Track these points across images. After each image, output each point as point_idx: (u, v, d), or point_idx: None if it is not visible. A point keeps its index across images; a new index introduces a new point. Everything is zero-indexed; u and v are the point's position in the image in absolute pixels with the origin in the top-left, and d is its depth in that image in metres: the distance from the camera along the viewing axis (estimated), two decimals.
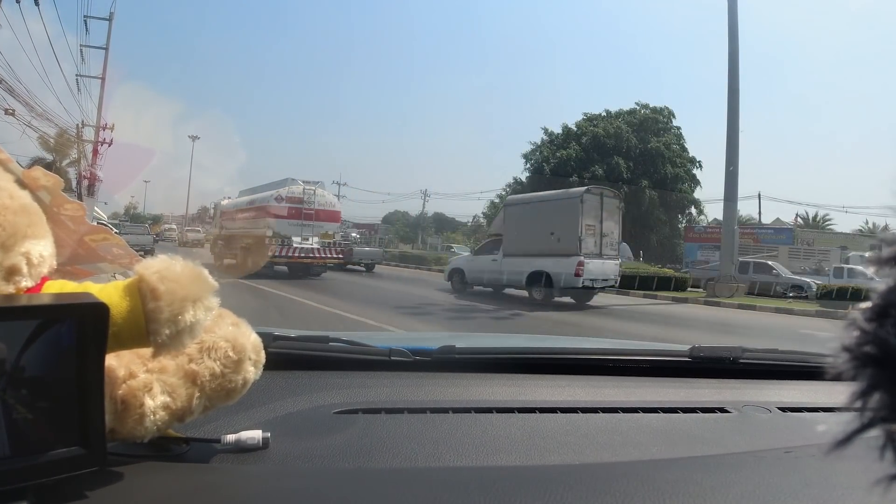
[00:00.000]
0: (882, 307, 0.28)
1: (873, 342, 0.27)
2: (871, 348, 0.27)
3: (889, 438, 0.28)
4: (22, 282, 0.63)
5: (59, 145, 26.36)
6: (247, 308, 5.24)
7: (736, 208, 18.35)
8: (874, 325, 0.28)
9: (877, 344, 0.27)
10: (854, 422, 0.28)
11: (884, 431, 0.28)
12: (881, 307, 0.28)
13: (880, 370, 0.27)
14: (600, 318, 11.08)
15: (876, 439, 0.28)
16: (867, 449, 0.28)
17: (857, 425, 0.28)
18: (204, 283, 0.67)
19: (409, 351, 1.22)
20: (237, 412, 0.88)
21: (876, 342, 0.27)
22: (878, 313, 0.28)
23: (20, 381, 0.54)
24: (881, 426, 0.27)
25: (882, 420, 0.27)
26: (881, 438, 0.28)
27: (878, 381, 0.27)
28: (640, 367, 1.40)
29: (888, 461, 0.28)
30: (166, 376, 0.71)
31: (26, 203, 0.66)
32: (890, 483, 0.28)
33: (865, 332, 0.28)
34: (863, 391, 0.28)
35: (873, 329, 0.27)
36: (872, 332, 0.27)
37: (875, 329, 0.27)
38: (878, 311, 0.28)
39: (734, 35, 17.39)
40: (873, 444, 0.28)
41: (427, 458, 0.85)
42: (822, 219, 41.75)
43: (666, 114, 35.63)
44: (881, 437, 0.28)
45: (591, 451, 0.92)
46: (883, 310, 0.28)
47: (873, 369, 0.27)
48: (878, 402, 0.27)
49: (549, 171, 33.41)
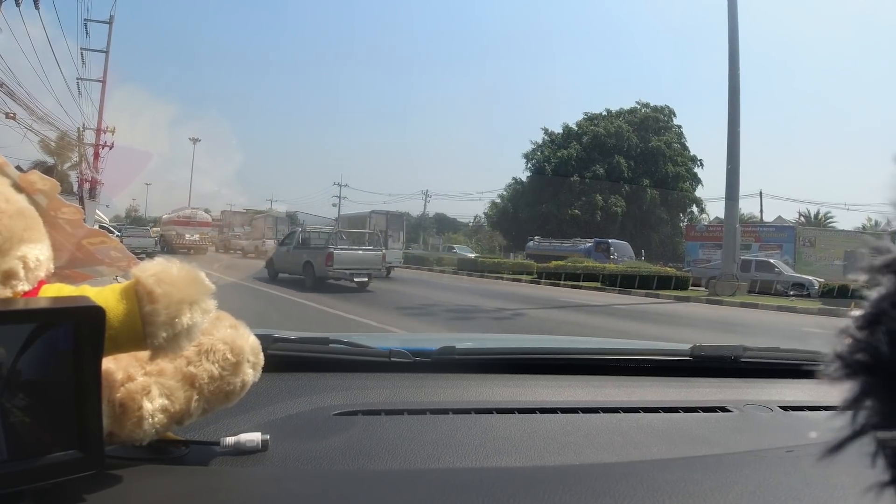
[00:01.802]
0: (874, 315, 0.28)
1: (865, 350, 0.28)
2: (862, 356, 0.28)
3: (880, 445, 0.28)
4: (19, 286, 0.63)
5: (60, 149, 26.39)
6: (247, 310, 5.21)
7: (737, 207, 18.34)
8: (866, 333, 0.28)
9: (868, 352, 0.27)
10: (846, 429, 0.28)
11: (875, 438, 0.28)
12: (873, 315, 0.28)
13: (872, 378, 0.27)
14: (601, 318, 11.07)
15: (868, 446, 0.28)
16: (865, 452, 0.28)
17: (849, 432, 0.28)
18: (200, 286, 0.67)
19: (408, 352, 1.22)
20: (237, 414, 0.88)
21: (867, 350, 0.27)
22: (870, 321, 0.28)
23: (17, 385, 0.54)
24: (872, 433, 0.28)
25: (873, 427, 0.27)
26: (873, 445, 0.28)
27: (870, 389, 0.28)
28: (640, 367, 1.40)
29: (880, 468, 0.28)
30: (164, 379, 0.71)
31: (22, 207, 0.66)
32: (881, 490, 0.28)
33: (857, 340, 0.28)
34: (854, 398, 0.28)
35: (865, 337, 0.28)
36: (864, 340, 0.28)
37: (867, 337, 0.28)
38: (869, 319, 0.28)
39: (734, 33, 17.38)
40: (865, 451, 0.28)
41: (427, 459, 0.85)
42: (824, 216, 41.70)
43: (667, 112, 35.64)
44: (872, 443, 0.28)
45: (591, 451, 0.92)
46: (875, 318, 0.28)
47: (865, 377, 0.28)
48: (870, 410, 0.28)
49: (550, 171, 33.43)
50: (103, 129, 26.78)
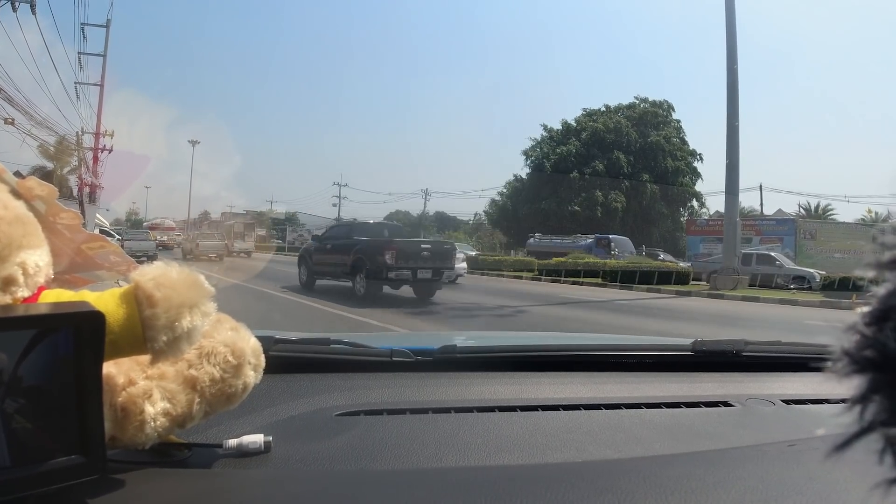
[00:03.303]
0: (882, 311, 0.28)
1: (873, 346, 0.27)
2: (870, 352, 0.27)
3: (888, 442, 0.27)
4: (18, 292, 0.63)
5: (59, 153, 26.42)
6: (250, 311, 5.25)
7: (737, 201, 18.32)
8: (874, 329, 0.27)
9: (876, 348, 0.27)
10: (853, 425, 0.28)
11: (882, 435, 0.27)
12: (881, 311, 0.28)
13: (879, 374, 0.27)
14: (602, 314, 11.07)
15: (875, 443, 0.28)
16: (871, 449, 0.28)
17: (856, 429, 0.28)
18: (200, 289, 0.67)
19: (410, 351, 1.22)
20: (239, 416, 0.88)
21: (875, 346, 0.27)
22: (878, 317, 0.28)
23: (18, 391, 0.54)
24: (880, 430, 0.27)
25: (881, 424, 0.27)
26: (880, 442, 0.28)
27: (878, 385, 0.27)
28: (642, 363, 1.40)
29: (887, 465, 0.28)
30: (166, 382, 0.71)
31: (21, 213, 0.66)
32: (889, 487, 0.28)
33: (865, 336, 0.28)
34: (862, 395, 0.27)
35: (873, 333, 0.27)
36: (872, 337, 0.27)
37: (875, 333, 0.27)
38: (877, 315, 0.28)
39: (731, 25, 17.34)
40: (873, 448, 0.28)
41: (429, 458, 0.85)
42: (825, 209, 41.63)
43: (665, 107, 35.59)
44: (880, 440, 0.28)
45: (593, 448, 0.92)
46: (883, 314, 0.27)
47: (872, 373, 0.27)
48: (878, 406, 0.27)
49: (549, 168, 33.41)
50: (102, 132, 26.79)
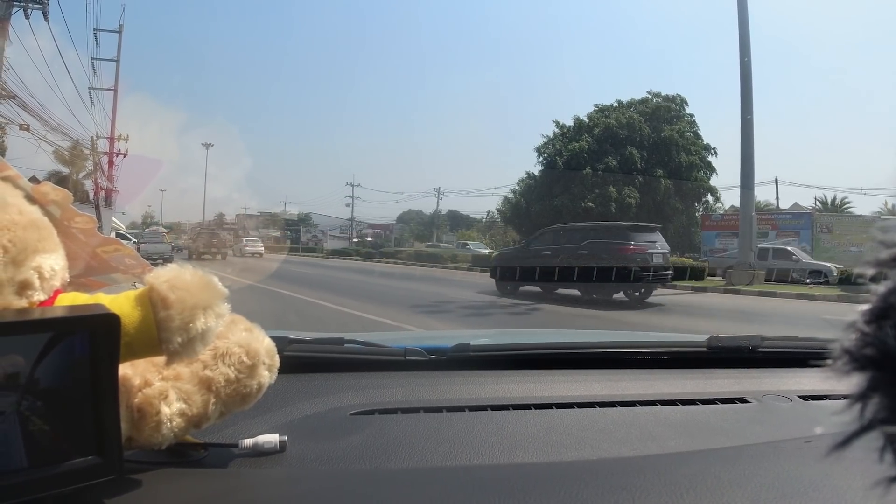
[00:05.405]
0: (882, 309, 0.27)
1: (873, 344, 0.27)
2: (870, 350, 0.27)
3: (888, 440, 0.27)
4: (34, 295, 0.63)
5: (74, 158, 26.75)
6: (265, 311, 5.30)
7: (752, 195, 18.12)
8: (874, 328, 0.27)
9: (876, 346, 0.27)
10: (853, 424, 0.28)
11: (883, 433, 0.27)
12: (881, 309, 0.27)
13: (879, 372, 0.27)
14: (618, 311, 11.02)
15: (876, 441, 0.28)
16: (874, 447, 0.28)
17: (857, 427, 0.28)
18: (214, 291, 0.67)
19: (424, 350, 1.22)
20: (254, 416, 0.88)
21: (875, 344, 0.27)
22: (878, 315, 0.27)
23: (35, 394, 0.55)
24: (880, 428, 0.27)
25: (881, 422, 0.27)
26: (880, 440, 0.28)
27: (878, 384, 0.27)
28: (657, 359, 1.39)
29: (888, 463, 0.28)
30: (181, 383, 0.72)
31: (36, 218, 0.67)
32: (889, 485, 0.28)
33: (865, 335, 0.28)
34: (862, 393, 0.27)
35: (873, 331, 0.27)
36: (872, 335, 0.27)
37: (875, 331, 0.27)
38: (877, 313, 0.28)
39: (744, 15, 17.16)
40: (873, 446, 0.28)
41: (444, 456, 0.85)
42: (841, 202, 41.10)
43: (678, 102, 35.26)
44: (880, 438, 0.28)
45: (608, 445, 0.91)
46: (883, 312, 0.27)
47: (872, 371, 0.27)
48: (878, 405, 0.27)
49: (562, 164, 33.27)
50: (116, 137, 27.10)
